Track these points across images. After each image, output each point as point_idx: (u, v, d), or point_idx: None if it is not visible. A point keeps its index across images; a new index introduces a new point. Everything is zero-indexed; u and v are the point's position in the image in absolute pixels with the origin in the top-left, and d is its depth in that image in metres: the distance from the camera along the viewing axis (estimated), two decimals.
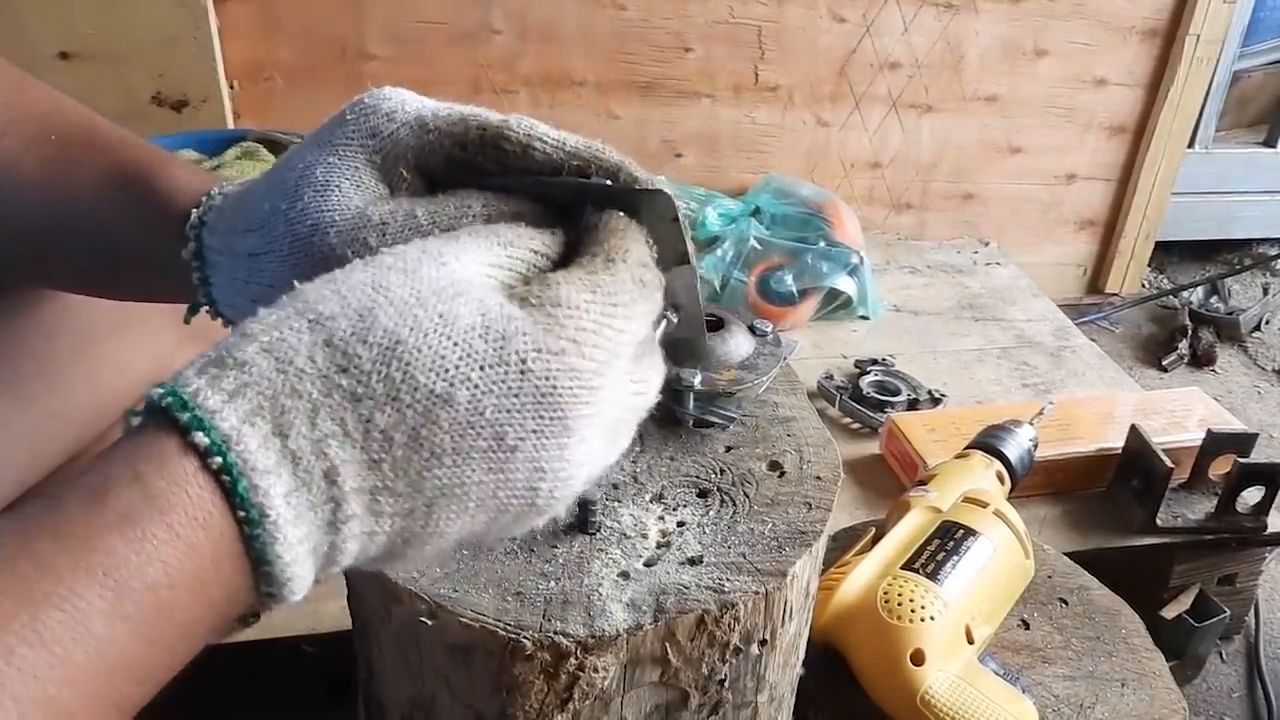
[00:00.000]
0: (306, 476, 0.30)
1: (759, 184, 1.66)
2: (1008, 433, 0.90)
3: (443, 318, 0.32)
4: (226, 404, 0.30)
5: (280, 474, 0.30)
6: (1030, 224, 1.93)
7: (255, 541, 0.30)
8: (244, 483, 0.29)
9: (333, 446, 0.31)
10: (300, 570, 0.31)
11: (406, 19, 1.51)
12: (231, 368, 0.31)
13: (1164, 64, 1.81)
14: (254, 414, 0.30)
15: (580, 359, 0.34)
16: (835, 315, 1.55)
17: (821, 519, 0.55)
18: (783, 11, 1.65)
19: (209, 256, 0.43)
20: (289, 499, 0.30)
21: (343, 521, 0.31)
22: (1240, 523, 1.10)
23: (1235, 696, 1.17)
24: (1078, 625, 0.84)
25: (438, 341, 0.32)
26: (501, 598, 0.48)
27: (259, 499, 0.30)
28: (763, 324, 0.65)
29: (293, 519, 0.30)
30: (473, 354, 0.33)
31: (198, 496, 0.29)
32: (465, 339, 0.33)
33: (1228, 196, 2.12)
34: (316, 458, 0.31)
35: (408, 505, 0.32)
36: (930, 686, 0.68)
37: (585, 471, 0.36)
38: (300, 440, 0.30)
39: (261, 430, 0.30)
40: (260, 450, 0.30)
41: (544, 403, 0.33)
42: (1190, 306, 2.00)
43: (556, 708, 0.48)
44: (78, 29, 1.33)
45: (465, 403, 0.32)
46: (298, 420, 0.30)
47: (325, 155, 0.41)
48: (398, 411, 0.32)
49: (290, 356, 0.31)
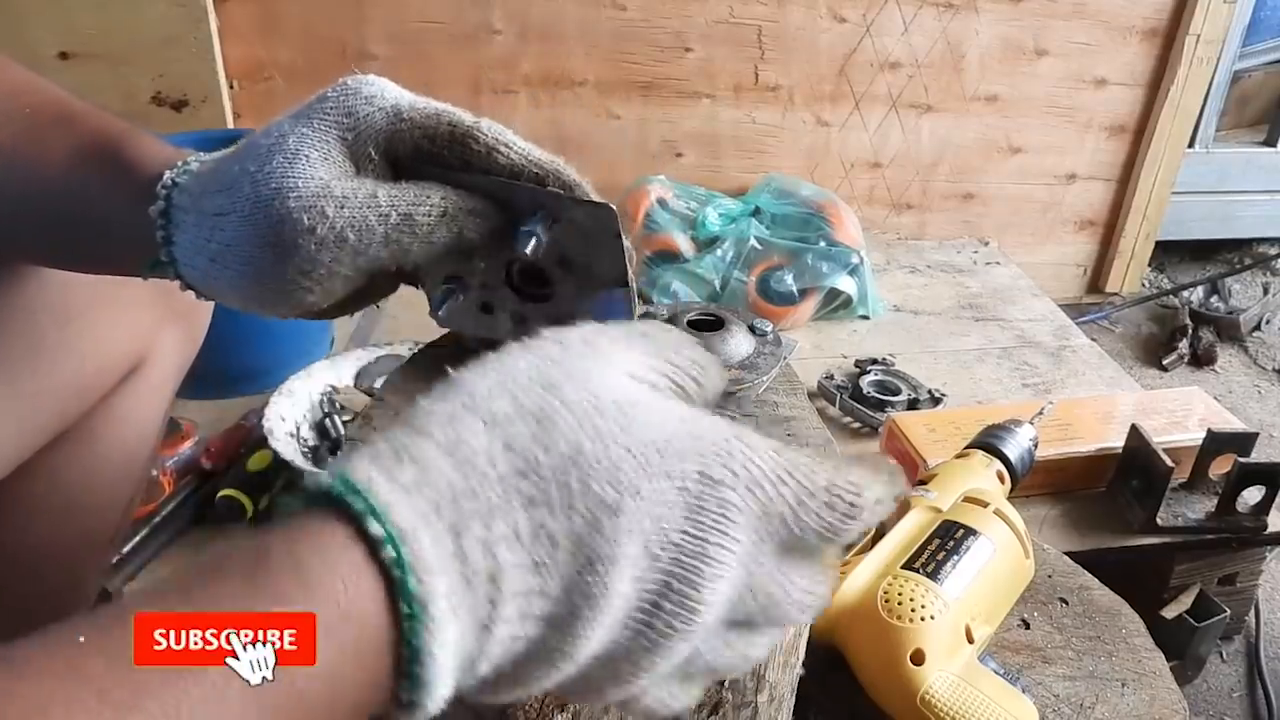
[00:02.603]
0: (473, 577, 0.30)
1: (759, 184, 1.66)
2: (1008, 432, 0.90)
3: (623, 430, 0.32)
4: (404, 498, 0.29)
5: (446, 572, 0.29)
6: (1030, 224, 1.93)
7: (411, 637, 0.29)
8: (412, 579, 0.28)
9: (502, 550, 0.30)
10: (444, 675, 0.30)
11: (406, 19, 1.51)
12: (408, 463, 0.30)
13: (1164, 64, 1.81)
14: (430, 511, 0.29)
15: (734, 493, 0.33)
16: (835, 315, 1.55)
17: None
18: (783, 11, 1.65)
19: (175, 216, 0.43)
20: (450, 598, 0.29)
21: (495, 624, 0.30)
22: (1240, 522, 1.10)
23: (1235, 696, 1.17)
24: (1078, 625, 0.83)
25: (617, 453, 0.32)
26: None
27: (424, 594, 0.28)
28: (763, 324, 0.65)
29: (449, 616, 0.29)
30: (648, 469, 0.32)
31: (355, 587, 0.28)
32: (643, 452, 0.32)
33: (1228, 196, 2.12)
34: (485, 559, 0.30)
35: (553, 609, 0.32)
36: (930, 686, 0.68)
37: (712, 618, 0.34)
38: (472, 540, 0.30)
39: (436, 528, 0.29)
40: (433, 547, 0.29)
41: (692, 519, 0.33)
42: (1190, 306, 2.00)
43: (556, 708, 0.48)
44: (78, 29, 1.33)
45: (630, 512, 0.32)
46: (474, 522, 0.30)
47: (300, 126, 0.43)
48: (569, 519, 0.31)
49: (470, 458, 0.31)
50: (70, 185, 0.46)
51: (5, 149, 0.47)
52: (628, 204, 1.55)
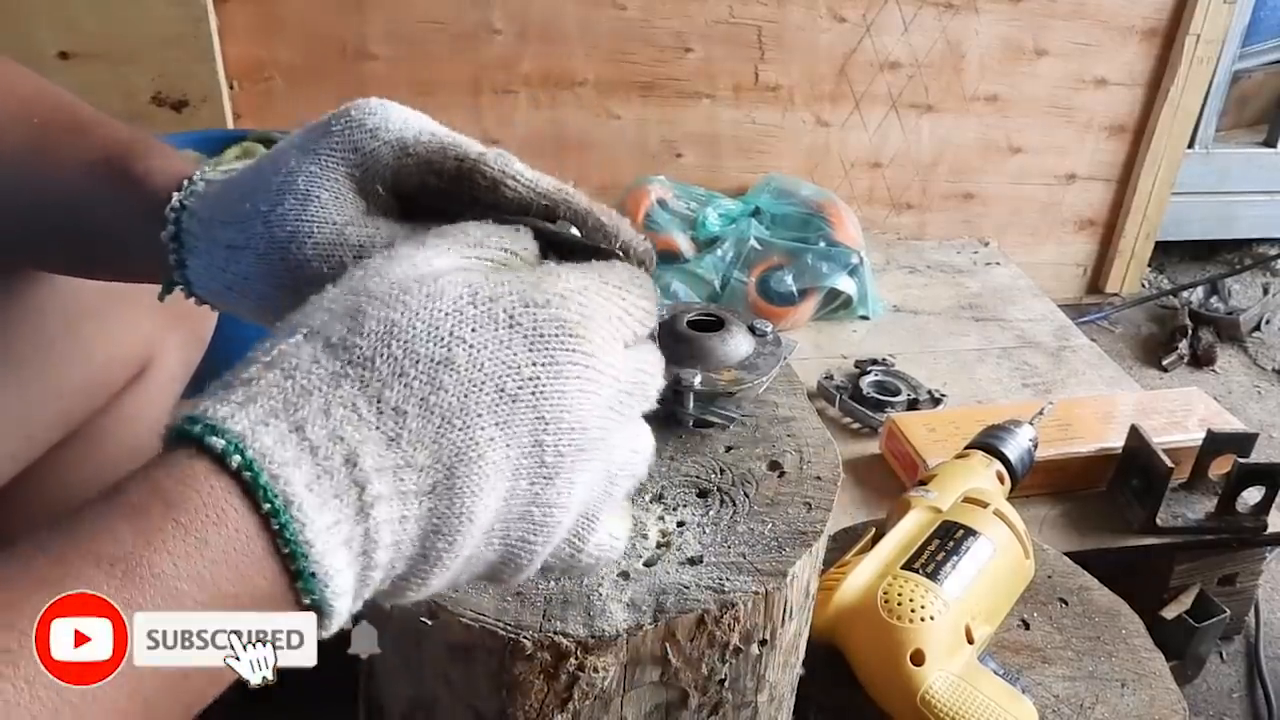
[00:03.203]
0: (327, 463, 0.30)
1: (759, 184, 1.66)
2: (1008, 433, 0.90)
3: (429, 295, 0.33)
4: (238, 410, 0.30)
5: (300, 465, 0.30)
6: (1030, 224, 1.93)
7: (283, 532, 0.29)
8: (264, 475, 0.29)
9: (348, 431, 0.31)
10: (336, 563, 0.30)
11: (406, 19, 1.51)
12: (238, 385, 0.31)
13: (1164, 64, 1.81)
14: (268, 416, 0.30)
15: (565, 311, 0.35)
16: (835, 315, 1.55)
17: (821, 519, 0.55)
18: (783, 11, 1.65)
19: (187, 240, 0.43)
20: (311, 487, 0.30)
21: (370, 505, 0.31)
22: (1240, 523, 1.10)
23: (1235, 696, 1.17)
24: (1078, 625, 0.84)
25: (429, 314, 0.33)
26: (501, 598, 0.48)
27: (281, 487, 0.29)
28: (763, 324, 0.65)
29: (318, 505, 0.30)
30: (464, 318, 0.33)
31: (210, 492, 0.29)
32: (455, 306, 0.33)
33: (1228, 196, 2.12)
34: (334, 444, 0.31)
35: (430, 479, 0.32)
36: (930, 686, 0.68)
37: (593, 435, 0.35)
38: (316, 430, 0.31)
39: (277, 429, 0.30)
40: (277, 445, 0.30)
41: (535, 348, 0.34)
42: (1190, 306, 2.00)
43: (556, 707, 0.48)
44: (78, 29, 1.33)
45: (464, 362, 0.33)
46: (311, 414, 0.31)
47: (308, 163, 0.41)
48: (404, 385, 0.32)
49: (294, 363, 0.32)
50: (82, 199, 0.45)
51: (17, 160, 0.47)
52: (628, 204, 1.55)
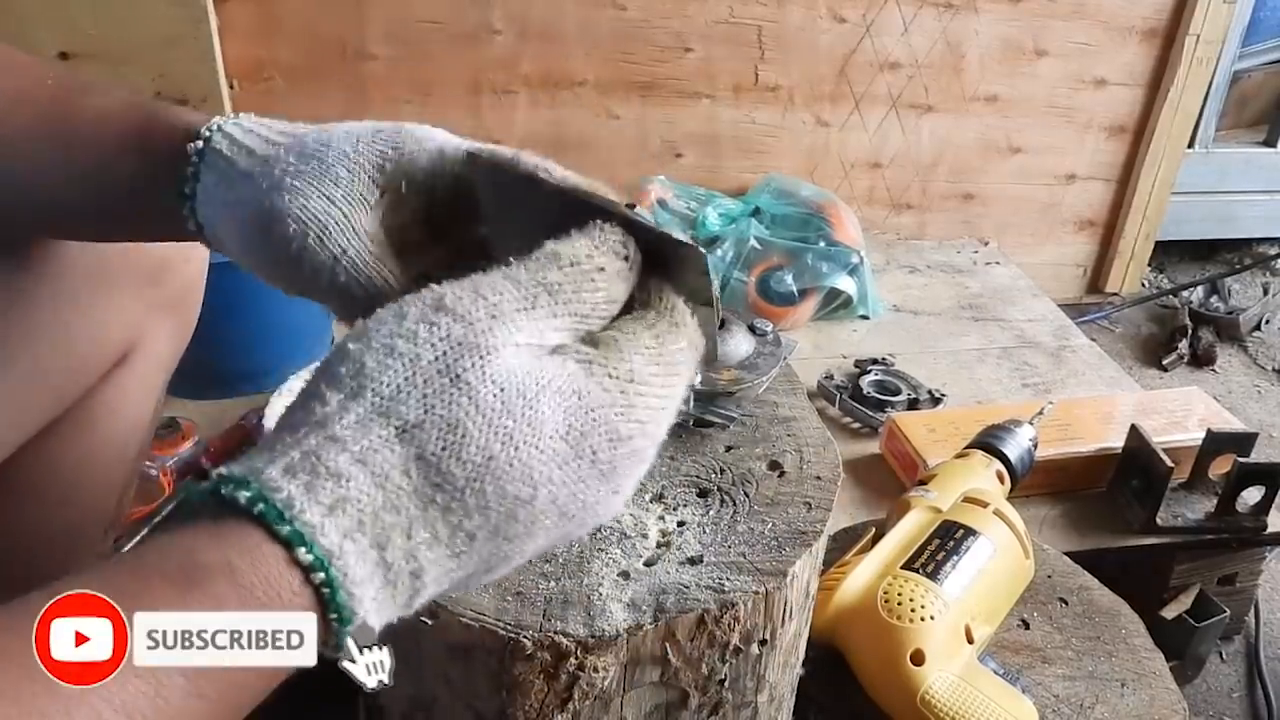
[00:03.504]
0: (397, 580, 0.32)
1: (759, 184, 1.66)
2: (1008, 433, 0.90)
3: (531, 427, 0.33)
4: (326, 518, 0.31)
5: (372, 581, 0.32)
6: (1030, 224, 1.93)
7: (340, 639, 0.32)
8: (342, 594, 0.31)
9: (422, 551, 0.33)
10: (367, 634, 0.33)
11: (406, 19, 1.51)
12: (326, 478, 0.31)
13: (1164, 64, 1.81)
14: (354, 530, 0.31)
15: (644, 439, 0.36)
16: (835, 315, 1.55)
17: (821, 519, 0.55)
18: (783, 11, 1.65)
19: (209, 157, 0.44)
20: (376, 598, 0.32)
21: (418, 600, 0.34)
22: (1240, 522, 1.10)
23: (1235, 696, 1.17)
24: (1078, 625, 0.84)
25: (528, 454, 0.33)
26: (501, 597, 0.48)
27: (353, 605, 0.31)
28: (763, 324, 0.65)
29: (376, 614, 0.32)
30: (555, 457, 0.34)
31: (290, 603, 0.31)
32: (550, 445, 0.34)
33: (1228, 196, 2.12)
34: (407, 563, 0.32)
35: (469, 573, 0.35)
36: (930, 686, 0.68)
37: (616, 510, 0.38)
38: (395, 551, 0.32)
39: (360, 545, 0.31)
40: (357, 564, 0.31)
41: (606, 480, 0.36)
42: (1190, 306, 2.00)
43: (556, 707, 0.48)
44: (78, 29, 1.33)
45: (544, 500, 0.34)
46: (395, 535, 0.32)
47: (344, 144, 0.43)
48: (484, 517, 0.33)
49: (386, 471, 0.32)
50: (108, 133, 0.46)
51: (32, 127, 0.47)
52: None
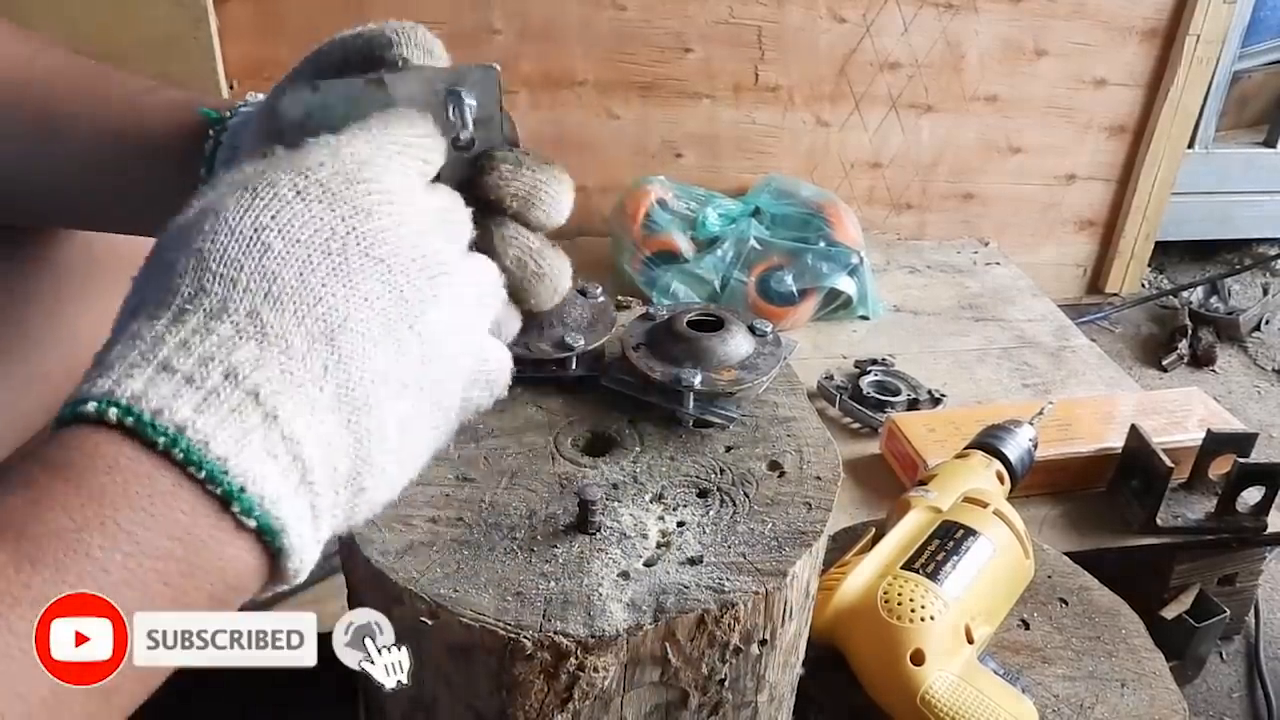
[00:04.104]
0: (207, 383, 0.31)
1: (759, 184, 1.66)
2: (1008, 433, 0.90)
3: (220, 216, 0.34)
4: (98, 379, 0.31)
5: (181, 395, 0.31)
6: (1030, 224, 1.93)
7: (188, 456, 0.30)
8: (146, 414, 0.30)
9: (213, 350, 0.31)
10: (264, 472, 0.31)
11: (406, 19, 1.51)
12: (93, 370, 0.32)
13: (1164, 64, 1.81)
14: (129, 369, 0.31)
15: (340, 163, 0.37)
16: (835, 315, 1.55)
17: (821, 519, 0.55)
18: (783, 11, 1.65)
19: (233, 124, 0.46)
20: (201, 409, 0.30)
21: (274, 409, 0.31)
22: (1240, 523, 1.10)
23: (1235, 696, 1.17)
24: (1078, 625, 0.84)
25: (227, 228, 0.34)
26: (501, 598, 0.48)
27: (168, 419, 0.30)
28: (763, 324, 0.65)
29: (217, 423, 0.30)
30: (256, 209, 0.34)
31: (95, 447, 0.30)
32: (242, 208, 0.34)
33: (1228, 196, 2.12)
34: (205, 366, 0.31)
35: (318, 361, 0.33)
36: (930, 686, 0.68)
37: (434, 260, 0.37)
38: (184, 362, 0.31)
39: (143, 373, 0.31)
40: (149, 386, 0.31)
41: (334, 206, 0.35)
42: (1190, 306, 2.00)
43: (556, 708, 0.48)
44: (78, 29, 1.33)
45: (280, 246, 0.33)
46: (170, 351, 0.31)
47: None
48: (243, 290, 0.32)
49: (134, 329, 0.33)
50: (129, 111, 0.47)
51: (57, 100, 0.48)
52: (628, 204, 1.55)
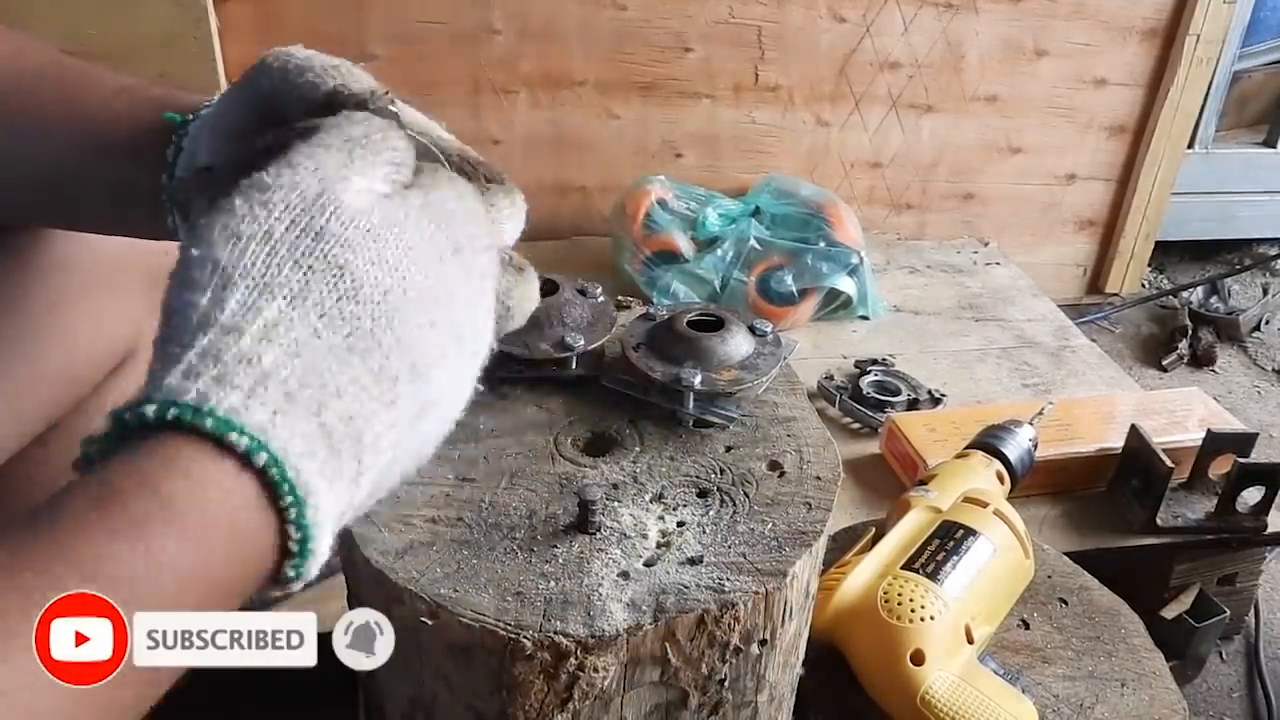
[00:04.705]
0: (339, 445, 0.31)
1: (759, 184, 1.66)
2: (1008, 433, 0.90)
3: (408, 253, 0.34)
4: (250, 399, 0.30)
5: (316, 454, 0.31)
6: (1030, 224, 1.93)
7: (298, 519, 0.30)
8: (290, 472, 0.30)
9: (355, 407, 0.32)
10: (325, 539, 0.31)
11: (406, 19, 1.51)
12: (235, 363, 0.30)
13: (1164, 64, 1.81)
14: (283, 404, 0.30)
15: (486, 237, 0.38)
16: (835, 315, 1.55)
17: (821, 519, 0.55)
18: (783, 11, 1.65)
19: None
20: (324, 471, 0.31)
21: (364, 473, 0.32)
22: (1240, 523, 1.10)
23: (1235, 696, 1.17)
24: (1078, 625, 0.84)
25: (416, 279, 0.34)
26: (501, 598, 0.48)
27: (303, 480, 0.30)
28: (763, 324, 0.65)
29: (327, 488, 0.31)
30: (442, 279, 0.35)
31: (225, 499, 0.29)
32: (433, 267, 0.35)
33: (1228, 196, 2.12)
34: (344, 424, 0.31)
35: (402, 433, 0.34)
36: (930, 686, 0.68)
37: None
38: (330, 414, 0.31)
39: (292, 418, 0.30)
40: (295, 437, 0.30)
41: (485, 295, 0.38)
42: (1190, 306, 2.00)
43: (556, 707, 0.48)
44: (78, 29, 1.33)
45: (443, 323, 0.35)
46: (327, 398, 0.31)
47: None
48: (401, 354, 0.33)
49: (294, 338, 0.31)
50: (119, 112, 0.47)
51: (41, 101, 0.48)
52: (628, 204, 1.55)
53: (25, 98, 0.47)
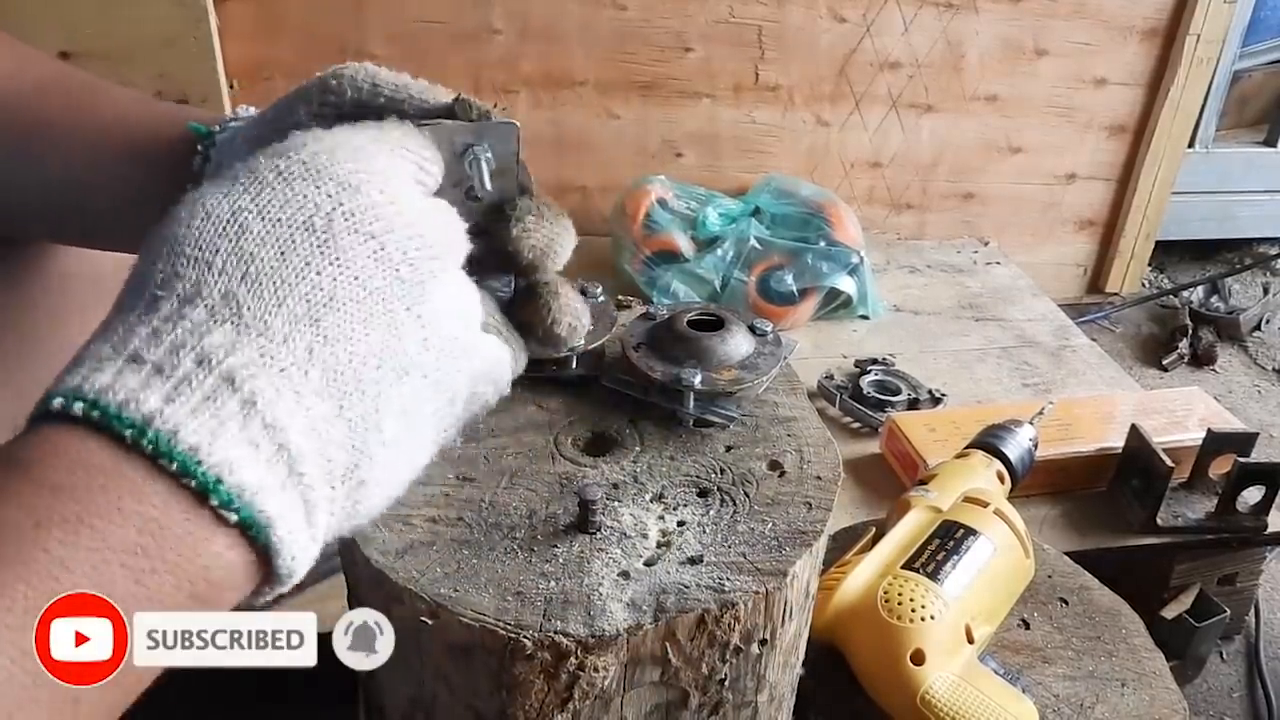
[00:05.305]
0: (177, 372, 0.31)
1: (759, 184, 1.66)
2: (1008, 432, 0.90)
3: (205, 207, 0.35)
4: (67, 374, 0.31)
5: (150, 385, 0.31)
6: (1030, 224, 1.93)
7: (157, 446, 0.30)
8: (111, 406, 0.30)
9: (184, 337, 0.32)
10: (241, 459, 0.30)
11: (406, 19, 1.51)
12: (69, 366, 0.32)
13: (1164, 64, 1.81)
14: (99, 362, 0.31)
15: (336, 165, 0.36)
16: (835, 315, 1.55)
17: (821, 519, 0.55)
18: (783, 11, 1.65)
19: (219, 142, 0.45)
20: (171, 399, 0.30)
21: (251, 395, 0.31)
22: (1240, 522, 1.10)
23: (1235, 696, 1.17)
24: (1078, 625, 0.84)
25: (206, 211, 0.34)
26: (501, 597, 0.48)
27: (134, 410, 0.30)
28: (763, 324, 0.65)
29: (188, 412, 0.30)
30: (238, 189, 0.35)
31: (52, 440, 0.30)
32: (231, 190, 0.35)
33: (1228, 196, 2.12)
34: (175, 353, 0.31)
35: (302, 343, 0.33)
36: (930, 686, 0.68)
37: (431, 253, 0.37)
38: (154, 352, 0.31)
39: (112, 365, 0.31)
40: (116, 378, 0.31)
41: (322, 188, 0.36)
42: (1190, 306, 2.00)
43: (556, 707, 0.48)
44: (78, 29, 1.33)
45: (257, 227, 0.34)
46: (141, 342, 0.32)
47: None
48: (215, 274, 0.33)
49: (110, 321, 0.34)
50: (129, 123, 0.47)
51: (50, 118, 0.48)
52: (628, 204, 1.55)
53: (30, 113, 0.47)
